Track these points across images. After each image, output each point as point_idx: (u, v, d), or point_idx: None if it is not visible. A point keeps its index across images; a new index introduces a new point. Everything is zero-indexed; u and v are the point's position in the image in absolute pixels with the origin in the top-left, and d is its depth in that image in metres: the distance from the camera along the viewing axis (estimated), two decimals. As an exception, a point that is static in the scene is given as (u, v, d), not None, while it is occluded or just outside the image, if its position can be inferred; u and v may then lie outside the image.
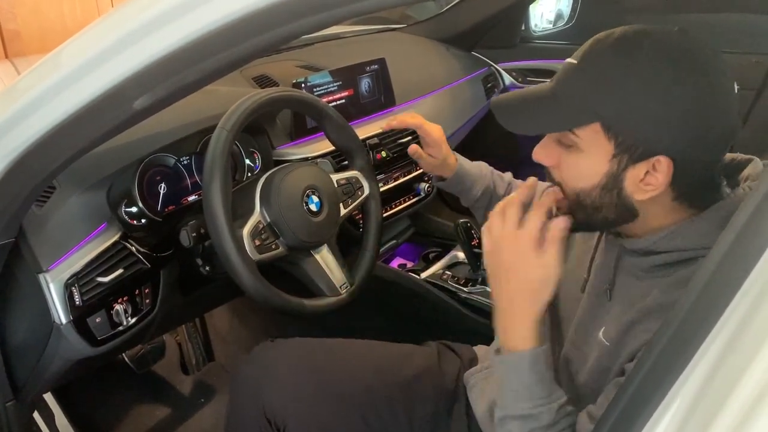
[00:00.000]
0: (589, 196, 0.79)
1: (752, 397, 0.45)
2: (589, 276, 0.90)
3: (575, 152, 0.78)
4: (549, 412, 0.79)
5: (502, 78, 2.22)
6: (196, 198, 1.22)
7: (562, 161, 0.80)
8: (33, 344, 1.03)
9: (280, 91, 1.13)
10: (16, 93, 0.77)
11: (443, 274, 1.71)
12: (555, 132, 0.79)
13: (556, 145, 0.80)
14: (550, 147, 0.81)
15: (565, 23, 2.22)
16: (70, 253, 1.01)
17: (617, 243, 0.85)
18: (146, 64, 0.65)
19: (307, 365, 1.07)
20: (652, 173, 0.74)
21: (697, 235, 0.76)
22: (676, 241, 0.77)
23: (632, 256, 0.83)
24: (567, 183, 0.81)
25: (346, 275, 1.18)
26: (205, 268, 1.15)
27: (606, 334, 0.82)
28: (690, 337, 0.51)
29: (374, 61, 1.62)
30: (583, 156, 0.77)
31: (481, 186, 1.23)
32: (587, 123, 0.74)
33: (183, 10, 0.62)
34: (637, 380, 0.55)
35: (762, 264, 0.48)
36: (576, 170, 0.79)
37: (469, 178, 1.22)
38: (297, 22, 0.59)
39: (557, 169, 0.82)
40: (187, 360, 1.85)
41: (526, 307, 0.80)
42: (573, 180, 0.80)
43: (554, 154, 0.81)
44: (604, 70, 0.73)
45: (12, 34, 2.93)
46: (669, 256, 0.77)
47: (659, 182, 0.74)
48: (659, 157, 0.73)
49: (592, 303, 0.88)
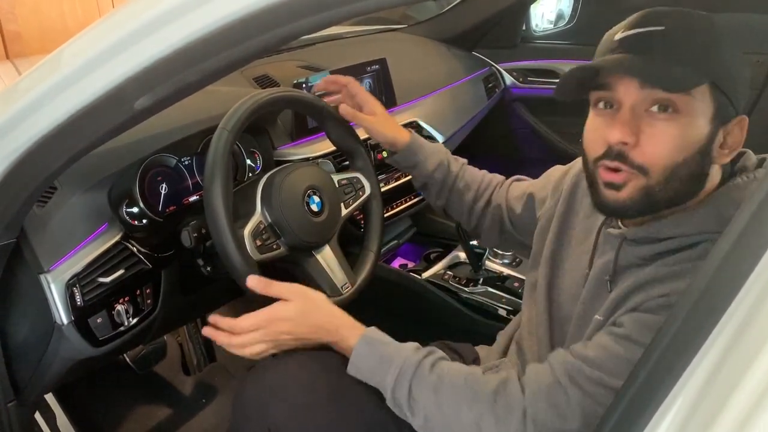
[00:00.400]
0: (687, 166, 0.76)
1: (754, 397, 0.45)
2: (590, 271, 0.90)
3: (674, 119, 0.75)
4: (407, 362, 0.89)
5: (503, 78, 2.22)
6: (197, 198, 1.22)
7: (650, 135, 0.76)
8: (34, 344, 1.03)
9: (281, 92, 1.13)
10: (17, 93, 0.77)
11: (444, 274, 1.71)
12: (694, 87, 0.74)
13: (638, 120, 0.76)
14: (631, 124, 0.76)
15: (566, 23, 2.23)
16: (71, 254, 1.01)
17: (617, 234, 0.85)
18: (147, 64, 0.65)
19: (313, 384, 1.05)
20: (731, 134, 0.77)
21: (701, 220, 0.77)
22: (681, 227, 0.78)
23: (634, 246, 0.83)
24: (657, 159, 0.76)
25: (348, 275, 1.18)
26: (206, 268, 1.15)
27: (601, 313, 0.84)
28: (692, 336, 0.51)
29: (375, 62, 1.62)
30: (683, 122, 0.75)
31: (435, 160, 1.21)
32: (703, 82, 0.74)
33: (184, 10, 0.62)
34: (639, 380, 0.55)
35: (764, 263, 0.48)
36: (675, 140, 0.75)
37: (423, 152, 1.21)
38: (297, 23, 0.59)
39: (638, 148, 0.76)
40: (188, 360, 1.85)
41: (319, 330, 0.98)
42: (668, 153, 0.75)
43: (635, 131, 0.76)
44: (706, 30, 0.76)
45: (13, 34, 2.93)
46: (672, 242, 0.78)
47: (737, 143, 0.77)
48: (743, 116, 0.77)
49: (591, 294, 0.89)
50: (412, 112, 1.71)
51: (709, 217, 0.77)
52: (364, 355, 0.93)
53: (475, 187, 1.23)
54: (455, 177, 1.23)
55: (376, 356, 0.92)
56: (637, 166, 0.76)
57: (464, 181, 1.23)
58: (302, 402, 1.00)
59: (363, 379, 0.94)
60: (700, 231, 0.76)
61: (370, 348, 0.93)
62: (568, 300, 0.94)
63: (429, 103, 1.82)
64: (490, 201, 1.22)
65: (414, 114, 1.71)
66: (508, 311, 1.55)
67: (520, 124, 2.26)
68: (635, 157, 0.76)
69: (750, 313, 0.48)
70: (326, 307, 1.00)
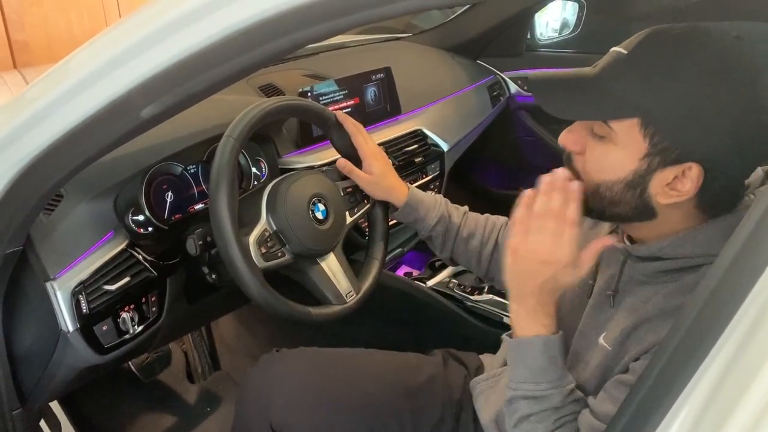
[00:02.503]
0: (610, 189, 0.78)
1: (761, 406, 0.45)
2: (595, 282, 0.90)
3: (605, 144, 0.76)
4: (559, 395, 0.80)
5: (507, 86, 2.22)
6: (202, 206, 1.22)
7: (589, 150, 0.79)
8: (40, 352, 1.03)
9: (287, 100, 1.14)
10: (25, 102, 0.78)
11: (449, 282, 1.71)
12: (591, 120, 0.77)
13: (586, 133, 0.79)
14: (578, 133, 0.80)
15: (571, 32, 2.23)
16: (77, 262, 1.01)
17: (622, 249, 0.85)
18: (154, 73, 0.66)
19: (314, 377, 1.06)
20: (680, 179, 0.73)
21: (705, 242, 0.75)
22: (684, 248, 0.76)
23: (637, 262, 0.82)
24: (589, 173, 0.80)
25: (352, 283, 1.18)
26: (212, 276, 1.15)
27: (607, 338, 0.82)
28: (698, 343, 0.51)
29: (380, 70, 1.63)
30: (614, 149, 0.75)
31: (436, 214, 1.17)
32: (626, 117, 0.72)
33: (190, 19, 0.62)
34: (646, 387, 0.55)
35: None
36: (602, 162, 0.77)
37: (423, 206, 1.17)
38: (302, 32, 0.59)
39: (581, 157, 0.80)
40: (192, 369, 1.85)
41: (536, 289, 0.82)
42: (596, 171, 0.79)
43: (581, 141, 0.79)
44: (658, 64, 0.71)
45: (20, 44, 2.95)
46: (675, 263, 0.77)
47: (686, 189, 0.73)
48: (691, 164, 0.71)
49: (594, 309, 0.88)
50: (417, 120, 1.72)
51: (716, 237, 0.75)
52: (538, 346, 0.82)
53: (480, 233, 1.18)
54: (458, 227, 1.18)
55: (549, 358, 0.82)
56: (575, 171, 0.81)
57: (468, 229, 1.18)
58: (303, 396, 1.01)
59: (500, 387, 0.90)
60: (704, 253, 0.75)
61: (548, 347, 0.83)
62: (573, 310, 0.93)
63: (434, 111, 1.82)
64: (498, 243, 1.17)
65: (419, 122, 1.71)
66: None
67: (525, 132, 2.26)
68: (576, 162, 0.82)
69: (756, 320, 0.48)
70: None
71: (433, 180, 1.73)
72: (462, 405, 1.11)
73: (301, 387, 1.03)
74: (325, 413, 1.01)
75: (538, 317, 0.83)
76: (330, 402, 1.04)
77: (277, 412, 1.01)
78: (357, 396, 1.05)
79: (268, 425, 1.03)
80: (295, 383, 1.04)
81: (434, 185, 1.73)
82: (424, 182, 1.66)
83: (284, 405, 1.02)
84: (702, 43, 0.71)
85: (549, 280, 0.81)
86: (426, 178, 1.70)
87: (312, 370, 1.07)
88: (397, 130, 1.63)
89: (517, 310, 0.85)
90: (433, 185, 1.70)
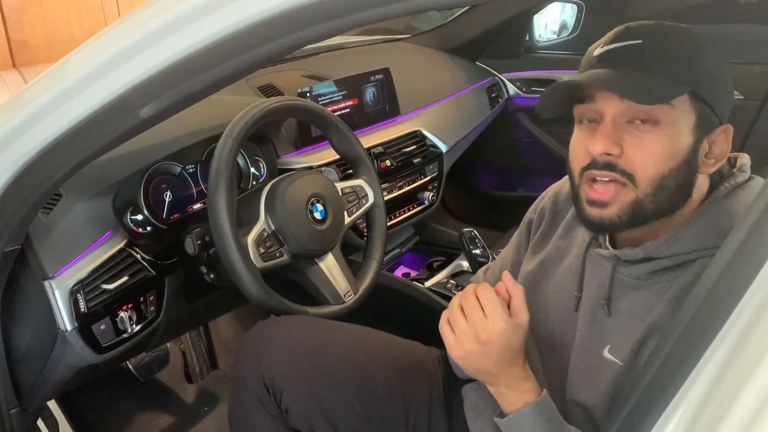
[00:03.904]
0: (674, 176, 0.75)
1: (757, 404, 0.45)
2: (582, 293, 0.88)
3: (652, 130, 0.75)
4: None
5: (506, 88, 2.23)
6: (201, 206, 1.22)
7: (634, 147, 0.75)
8: (38, 351, 1.03)
9: (286, 101, 1.14)
10: (24, 102, 0.78)
11: (447, 282, 1.71)
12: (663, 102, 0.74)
13: (620, 132, 0.76)
14: (614, 135, 0.76)
15: (569, 34, 2.23)
16: (75, 261, 1.01)
17: (609, 256, 0.84)
18: (152, 73, 0.66)
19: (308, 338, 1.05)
20: (715, 144, 0.77)
21: (696, 236, 0.76)
22: (678, 245, 0.77)
23: (628, 266, 0.82)
24: (646, 167, 0.75)
25: (350, 283, 1.18)
26: (210, 275, 1.15)
27: (614, 352, 0.81)
28: (694, 343, 0.51)
29: (379, 71, 1.63)
30: (666, 132, 0.74)
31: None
32: (682, 92, 0.74)
33: (189, 19, 0.63)
34: (641, 387, 0.55)
35: (765, 271, 0.48)
36: (659, 150, 0.75)
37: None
38: (301, 32, 0.60)
39: (625, 159, 0.76)
40: (190, 368, 1.85)
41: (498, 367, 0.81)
42: (654, 163, 0.75)
43: (619, 142, 0.76)
44: (679, 41, 0.76)
45: (19, 43, 2.94)
46: (669, 261, 0.77)
47: (723, 151, 0.77)
48: (728, 125, 0.77)
49: (588, 321, 0.86)
50: (416, 122, 1.72)
51: (703, 232, 0.76)
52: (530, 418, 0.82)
53: None
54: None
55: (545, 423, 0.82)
56: (627, 174, 0.76)
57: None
58: (296, 352, 1.01)
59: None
60: (696, 248, 0.76)
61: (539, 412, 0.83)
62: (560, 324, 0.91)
63: (432, 112, 1.82)
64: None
65: (417, 123, 1.71)
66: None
67: (523, 134, 2.27)
68: (623, 165, 0.76)
69: (752, 320, 0.48)
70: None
71: (432, 181, 1.74)
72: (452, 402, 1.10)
73: (296, 344, 1.03)
74: (316, 372, 1.01)
75: (519, 386, 0.83)
76: (322, 363, 1.03)
77: (269, 365, 1.00)
78: (350, 362, 1.04)
79: (260, 378, 1.02)
80: (290, 340, 1.03)
81: (432, 186, 1.73)
82: (422, 183, 1.67)
83: (276, 360, 1.00)
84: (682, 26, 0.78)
85: (503, 351, 0.80)
86: (424, 179, 1.70)
87: (308, 333, 1.06)
88: (395, 131, 1.63)
89: (497, 392, 0.85)
90: (431, 186, 1.71)
